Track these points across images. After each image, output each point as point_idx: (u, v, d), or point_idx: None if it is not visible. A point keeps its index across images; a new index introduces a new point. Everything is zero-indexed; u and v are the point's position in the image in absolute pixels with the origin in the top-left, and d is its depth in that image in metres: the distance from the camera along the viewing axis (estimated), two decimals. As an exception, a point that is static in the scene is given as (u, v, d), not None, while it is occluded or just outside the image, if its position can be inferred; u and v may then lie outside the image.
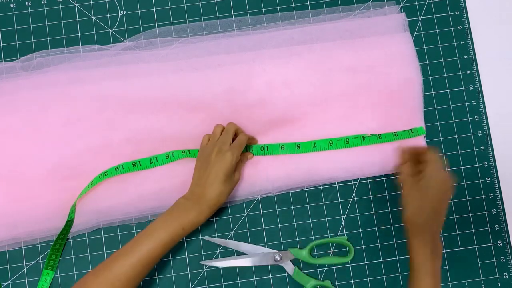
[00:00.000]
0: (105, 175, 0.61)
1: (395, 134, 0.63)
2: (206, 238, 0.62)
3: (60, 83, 0.62)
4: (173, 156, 0.62)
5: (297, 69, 0.63)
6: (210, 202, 0.54)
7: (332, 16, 0.66)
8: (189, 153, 0.62)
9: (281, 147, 0.62)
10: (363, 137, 0.63)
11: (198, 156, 0.59)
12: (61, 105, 0.62)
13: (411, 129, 0.63)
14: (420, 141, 0.64)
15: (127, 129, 0.62)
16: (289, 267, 0.61)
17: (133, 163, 0.61)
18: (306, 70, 0.63)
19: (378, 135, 0.63)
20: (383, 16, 0.66)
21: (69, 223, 0.60)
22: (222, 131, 0.60)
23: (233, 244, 0.62)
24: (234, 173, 0.58)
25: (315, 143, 0.62)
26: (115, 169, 0.61)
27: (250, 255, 0.62)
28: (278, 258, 0.61)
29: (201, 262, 0.62)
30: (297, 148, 0.62)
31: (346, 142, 0.63)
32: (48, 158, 0.61)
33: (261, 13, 0.67)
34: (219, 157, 0.55)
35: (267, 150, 0.63)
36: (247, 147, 0.63)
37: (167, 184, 0.62)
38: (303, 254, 0.61)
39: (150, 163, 0.61)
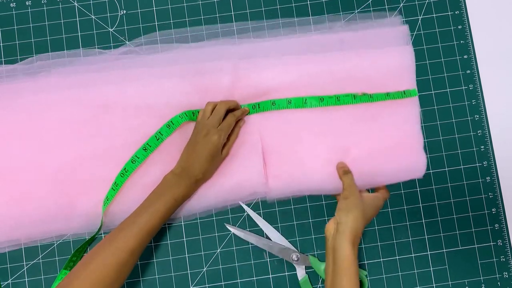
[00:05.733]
0: (125, 172, 0.60)
1: (386, 95, 0.62)
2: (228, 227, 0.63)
3: (61, 87, 0.62)
4: (173, 124, 0.61)
5: (297, 79, 0.63)
6: (197, 177, 0.59)
7: (333, 24, 0.66)
8: (186, 115, 0.61)
9: (272, 103, 0.63)
10: (354, 96, 0.62)
11: (192, 132, 0.60)
12: (61, 109, 0.62)
13: (403, 91, 0.63)
14: (413, 103, 0.64)
15: (128, 134, 0.62)
16: (301, 272, 0.61)
17: (144, 148, 0.60)
18: (306, 79, 0.63)
19: (370, 94, 0.62)
20: (386, 28, 0.65)
21: (99, 229, 0.61)
22: (213, 109, 0.60)
23: (262, 223, 0.62)
24: (221, 151, 0.60)
25: (306, 100, 0.62)
26: (132, 161, 0.60)
27: (271, 243, 0.62)
28: (295, 258, 0.61)
29: (227, 225, 0.63)
30: (288, 103, 0.62)
31: (337, 99, 0.62)
32: (48, 161, 0.61)
33: (261, 13, 0.67)
34: (206, 139, 0.58)
35: (259, 107, 0.63)
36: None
37: None
38: (321, 268, 0.60)
39: (157, 140, 0.61)
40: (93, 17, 0.66)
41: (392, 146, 0.63)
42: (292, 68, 0.63)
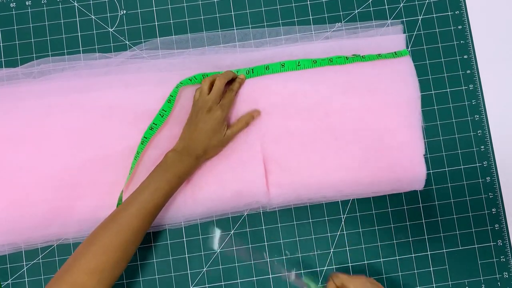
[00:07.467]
0: (137, 154, 0.60)
1: (378, 55, 0.64)
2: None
3: (62, 91, 0.62)
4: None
5: (297, 86, 0.63)
6: (198, 154, 0.58)
7: (335, 34, 0.66)
8: (182, 83, 0.62)
9: (266, 68, 0.63)
10: (346, 57, 0.63)
11: (191, 111, 0.60)
12: (62, 113, 0.62)
13: (395, 52, 0.64)
14: (406, 62, 0.65)
15: (128, 140, 0.62)
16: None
17: (151, 127, 0.61)
18: (307, 85, 0.63)
19: (362, 55, 0.64)
20: (386, 36, 0.66)
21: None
22: (211, 85, 0.60)
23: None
24: (226, 129, 0.60)
25: (299, 62, 0.63)
26: (141, 143, 0.60)
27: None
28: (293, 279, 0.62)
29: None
30: (282, 67, 0.63)
31: (330, 61, 0.63)
32: (47, 166, 0.61)
33: (260, 13, 0.67)
34: (209, 115, 0.58)
35: (253, 72, 0.63)
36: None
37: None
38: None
39: (161, 117, 0.61)
40: (93, 17, 0.66)
41: (391, 155, 0.62)
42: (292, 76, 0.63)
